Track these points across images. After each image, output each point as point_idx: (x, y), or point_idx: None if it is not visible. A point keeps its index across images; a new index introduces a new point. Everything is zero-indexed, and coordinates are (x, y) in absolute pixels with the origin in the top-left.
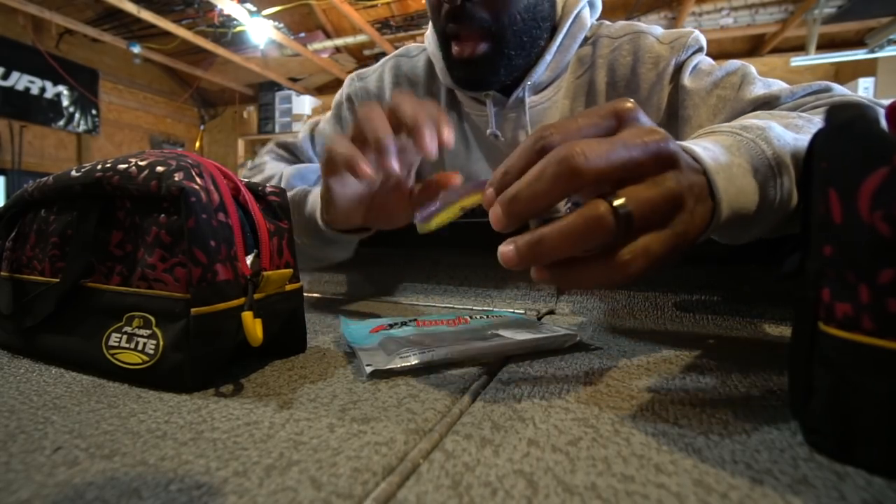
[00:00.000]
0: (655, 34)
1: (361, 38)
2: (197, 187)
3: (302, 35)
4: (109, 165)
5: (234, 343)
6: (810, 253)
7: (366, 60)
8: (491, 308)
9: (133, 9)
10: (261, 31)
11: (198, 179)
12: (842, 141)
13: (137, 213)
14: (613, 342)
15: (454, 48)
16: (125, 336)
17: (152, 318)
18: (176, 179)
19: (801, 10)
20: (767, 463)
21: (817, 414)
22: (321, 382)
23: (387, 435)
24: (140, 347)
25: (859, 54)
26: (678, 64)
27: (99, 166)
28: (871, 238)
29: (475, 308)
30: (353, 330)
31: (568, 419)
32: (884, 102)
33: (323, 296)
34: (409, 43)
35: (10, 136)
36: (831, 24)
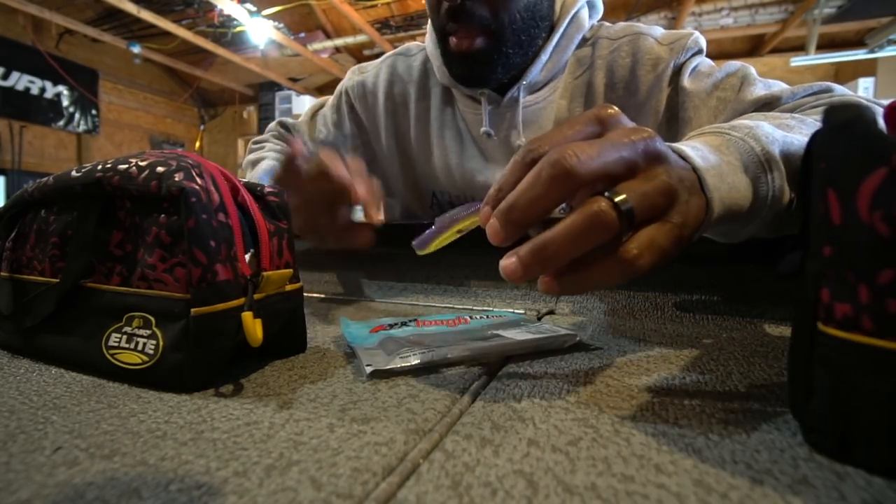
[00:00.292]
0: (655, 36)
1: (361, 38)
2: (197, 187)
3: (302, 35)
4: (110, 166)
5: (234, 343)
6: (810, 253)
7: (366, 60)
8: (491, 308)
9: (133, 9)
10: (261, 31)
11: (198, 179)
12: (841, 141)
13: (137, 214)
14: (613, 342)
15: (452, 41)
16: (125, 336)
17: (152, 319)
18: (176, 179)
19: (801, 10)
20: (767, 463)
21: (817, 414)
22: (321, 382)
23: (387, 435)
24: (140, 347)
25: (859, 54)
26: (677, 66)
27: (99, 167)
28: (871, 238)
29: (475, 308)
30: (353, 330)
31: (568, 419)
32: (883, 102)
33: (323, 296)
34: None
35: (10, 136)
36: (831, 24)
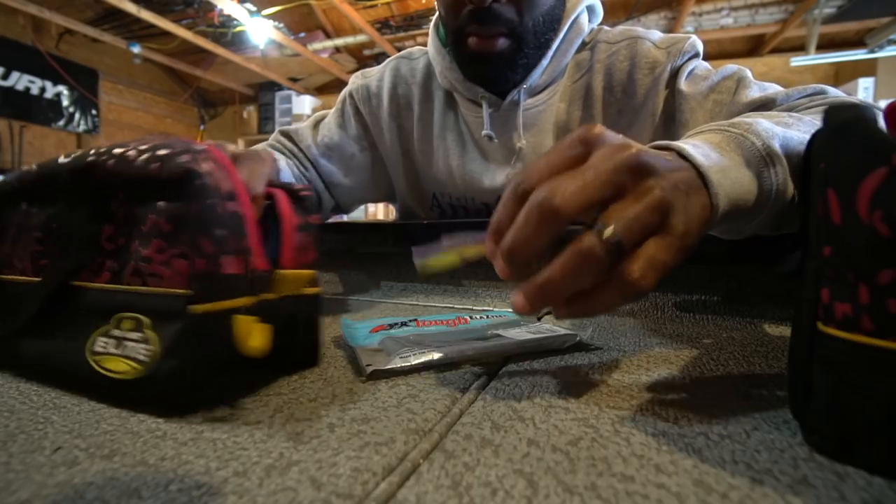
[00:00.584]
0: (652, 39)
1: (361, 38)
2: (203, 170)
3: (302, 35)
4: (104, 150)
5: (238, 349)
6: (810, 253)
7: (366, 60)
8: (491, 308)
9: (133, 9)
10: (261, 31)
11: (204, 163)
12: (840, 141)
13: (133, 201)
14: (613, 342)
15: (472, 41)
16: (113, 341)
17: (145, 320)
18: (180, 161)
19: (801, 10)
20: (767, 463)
21: (817, 414)
22: (321, 382)
23: (387, 435)
24: (129, 353)
25: (859, 54)
26: (674, 69)
27: (92, 151)
28: (871, 238)
29: (475, 308)
30: (353, 330)
31: (568, 419)
32: (881, 104)
33: (323, 296)
34: (409, 42)
35: (10, 136)
36: (831, 24)
